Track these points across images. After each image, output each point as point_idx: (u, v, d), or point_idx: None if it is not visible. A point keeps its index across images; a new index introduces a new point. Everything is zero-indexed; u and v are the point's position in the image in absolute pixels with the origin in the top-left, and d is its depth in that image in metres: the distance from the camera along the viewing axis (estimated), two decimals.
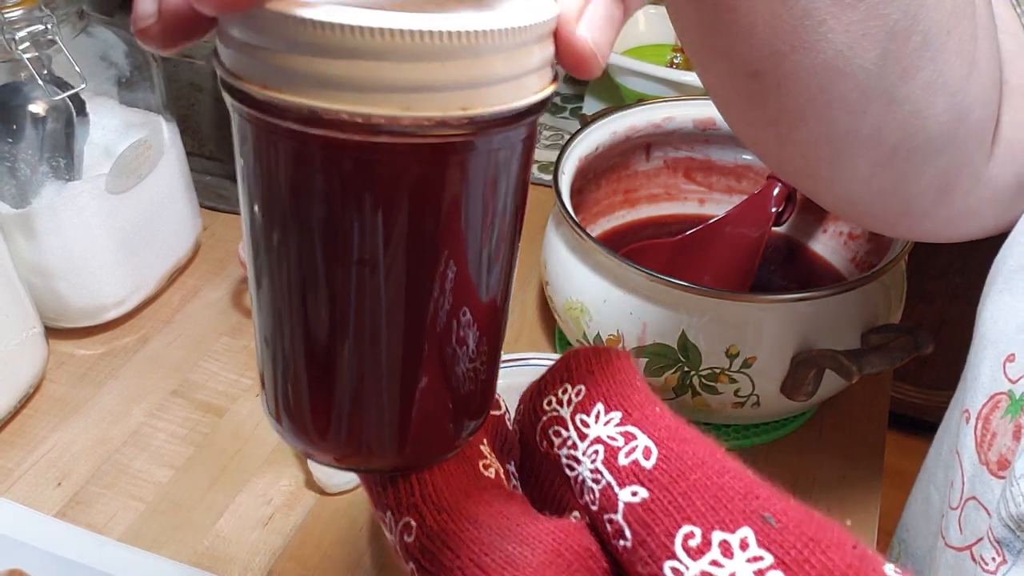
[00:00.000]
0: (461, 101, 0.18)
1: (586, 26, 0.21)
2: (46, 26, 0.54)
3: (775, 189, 0.58)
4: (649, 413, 0.24)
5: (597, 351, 0.26)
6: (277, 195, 0.19)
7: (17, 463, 0.55)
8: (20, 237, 0.58)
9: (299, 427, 0.23)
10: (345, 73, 0.17)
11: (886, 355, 0.47)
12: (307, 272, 0.20)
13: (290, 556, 0.50)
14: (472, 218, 0.20)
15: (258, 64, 0.18)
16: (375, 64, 0.17)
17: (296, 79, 0.17)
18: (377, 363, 0.21)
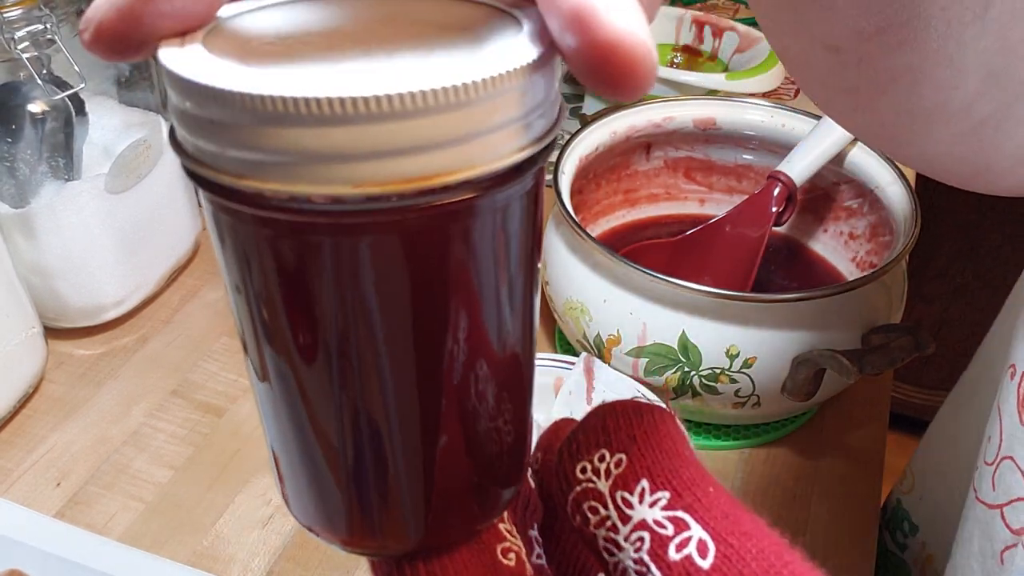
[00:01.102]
0: (456, 163, 0.15)
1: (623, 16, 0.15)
2: (45, 25, 0.54)
3: (775, 189, 0.58)
4: (702, 495, 0.20)
5: (639, 410, 0.22)
6: (267, 290, 0.17)
7: (16, 463, 0.55)
8: (19, 237, 0.58)
9: (304, 511, 0.21)
10: (317, 149, 0.14)
11: (886, 355, 0.47)
12: (306, 363, 0.18)
13: (289, 556, 0.50)
14: (484, 281, 0.18)
15: (222, 150, 0.15)
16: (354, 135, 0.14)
17: (272, 165, 0.15)
18: (389, 445, 0.19)
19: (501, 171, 0.16)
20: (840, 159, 0.59)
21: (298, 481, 0.21)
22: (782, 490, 0.54)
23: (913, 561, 0.52)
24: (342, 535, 0.21)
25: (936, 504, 0.49)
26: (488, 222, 0.17)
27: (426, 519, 0.20)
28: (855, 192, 0.60)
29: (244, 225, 0.16)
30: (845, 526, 0.52)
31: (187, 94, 0.15)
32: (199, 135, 0.16)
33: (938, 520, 0.49)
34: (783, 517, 0.52)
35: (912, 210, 0.54)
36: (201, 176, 0.16)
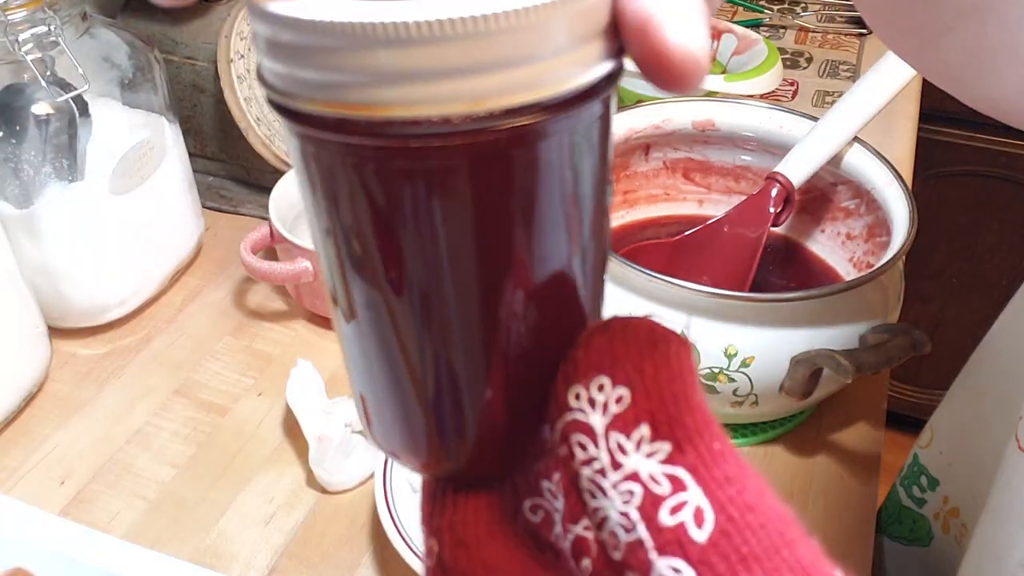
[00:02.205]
0: (526, 86, 0.16)
1: (680, 29, 0.16)
2: (49, 28, 0.55)
3: (773, 190, 0.58)
4: (706, 452, 0.18)
5: (653, 337, 0.19)
6: (356, 222, 0.18)
7: (21, 462, 0.56)
8: (23, 237, 0.58)
9: (387, 438, 0.22)
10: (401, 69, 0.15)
11: (884, 355, 0.48)
12: (395, 294, 0.18)
13: (292, 554, 0.51)
14: (562, 202, 0.18)
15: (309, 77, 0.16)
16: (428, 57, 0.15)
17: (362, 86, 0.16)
18: (466, 371, 0.20)
19: (574, 92, 0.16)
20: (837, 160, 0.60)
21: (383, 411, 0.21)
22: (780, 489, 0.54)
23: (934, 515, 0.51)
24: (422, 458, 0.22)
25: (958, 458, 0.48)
26: (565, 143, 0.17)
27: (496, 445, 0.21)
28: (852, 193, 0.61)
29: (332, 156, 0.17)
30: (842, 524, 0.52)
31: (278, 25, 0.16)
32: (291, 65, 0.16)
33: (961, 474, 0.49)
34: None
35: (909, 211, 0.54)
36: (292, 109, 0.17)
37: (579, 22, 0.16)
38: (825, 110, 0.60)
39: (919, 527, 0.53)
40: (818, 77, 0.97)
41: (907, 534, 0.54)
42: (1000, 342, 0.47)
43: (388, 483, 0.48)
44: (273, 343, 0.65)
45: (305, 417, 0.54)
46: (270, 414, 0.59)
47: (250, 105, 0.70)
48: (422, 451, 0.22)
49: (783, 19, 1.08)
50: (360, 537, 0.52)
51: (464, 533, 0.21)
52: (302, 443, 0.54)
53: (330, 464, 0.53)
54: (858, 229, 0.61)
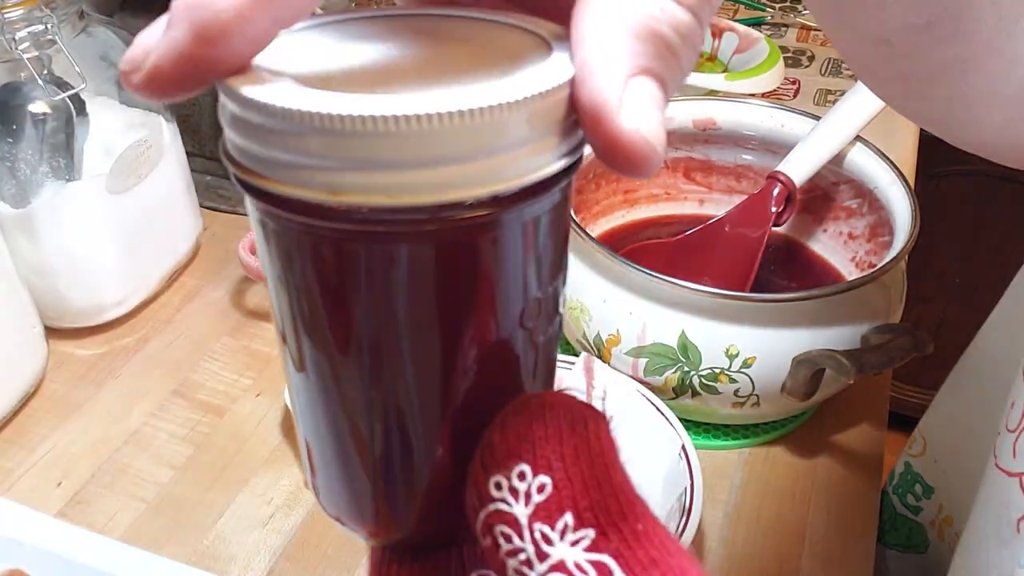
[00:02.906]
0: (485, 178, 0.16)
1: (632, 116, 0.17)
2: (46, 26, 0.54)
3: (775, 189, 0.58)
4: (630, 535, 0.18)
5: (572, 418, 0.19)
6: (307, 288, 0.18)
7: (17, 463, 0.56)
8: (20, 237, 0.58)
9: (333, 502, 0.23)
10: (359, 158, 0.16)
11: (885, 355, 0.47)
12: (342, 356, 0.19)
13: (290, 556, 0.50)
14: (511, 288, 0.19)
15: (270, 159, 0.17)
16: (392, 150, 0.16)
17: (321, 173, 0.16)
18: (413, 438, 0.20)
19: (527, 186, 0.17)
20: (839, 159, 0.59)
21: (329, 472, 0.21)
22: (782, 490, 0.54)
23: (930, 523, 0.51)
24: (369, 525, 0.22)
25: (951, 467, 0.48)
26: (516, 233, 0.18)
27: (442, 510, 0.21)
28: (854, 192, 0.61)
29: (289, 231, 0.18)
30: (844, 525, 0.52)
31: (246, 109, 0.17)
32: (251, 145, 0.17)
33: (954, 483, 0.49)
34: (782, 516, 0.53)
35: (911, 210, 0.54)
36: (251, 185, 0.17)
37: (537, 118, 0.16)
38: (827, 109, 0.60)
39: (915, 535, 0.53)
40: (820, 75, 0.96)
41: (903, 541, 0.53)
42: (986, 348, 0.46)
43: None
44: (272, 343, 0.65)
45: None
46: (268, 415, 0.59)
47: None
48: (367, 516, 0.22)
49: (785, 17, 1.08)
50: (358, 539, 0.51)
51: None
52: None
53: None
54: (860, 229, 0.61)
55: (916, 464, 0.52)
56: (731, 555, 0.51)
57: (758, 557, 0.50)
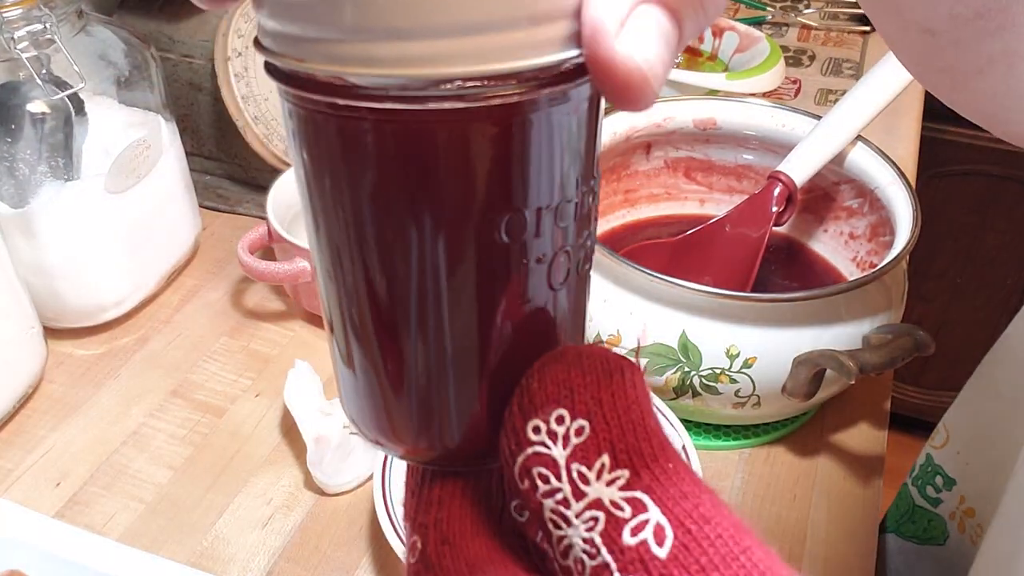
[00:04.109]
0: (508, 55, 0.15)
1: (630, 40, 0.16)
2: (45, 25, 0.54)
3: (776, 189, 0.58)
4: (661, 473, 0.19)
5: (608, 367, 0.20)
6: (342, 180, 0.18)
7: (16, 463, 0.55)
8: (19, 237, 0.58)
9: (372, 426, 0.22)
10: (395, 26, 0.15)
11: (887, 355, 0.47)
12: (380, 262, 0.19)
13: (289, 557, 0.50)
14: (544, 174, 0.18)
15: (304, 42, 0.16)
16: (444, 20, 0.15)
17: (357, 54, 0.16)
18: (447, 346, 0.20)
19: (556, 67, 0.16)
20: (840, 159, 0.59)
21: (366, 395, 0.21)
22: (782, 490, 0.54)
23: (949, 515, 0.51)
24: (406, 444, 0.22)
25: (975, 458, 0.48)
26: (543, 121, 0.17)
27: (474, 424, 0.21)
28: (855, 192, 0.60)
29: (327, 120, 0.17)
30: (845, 526, 0.52)
31: None
32: (282, 26, 0.16)
33: (978, 475, 0.49)
34: (783, 517, 0.52)
35: (912, 210, 0.54)
36: (284, 69, 0.17)
37: None
38: (828, 108, 0.60)
39: (934, 526, 0.53)
40: (821, 75, 0.96)
41: (920, 533, 0.53)
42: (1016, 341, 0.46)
43: (387, 485, 0.48)
44: (271, 344, 0.64)
45: (303, 418, 0.53)
46: (268, 415, 0.59)
47: (247, 103, 0.69)
48: (405, 434, 0.22)
49: (786, 17, 1.08)
50: (358, 539, 0.51)
51: (449, 530, 0.21)
52: (300, 444, 0.54)
53: (328, 466, 0.53)
54: (861, 228, 0.61)
55: (937, 456, 0.52)
56: None
57: None
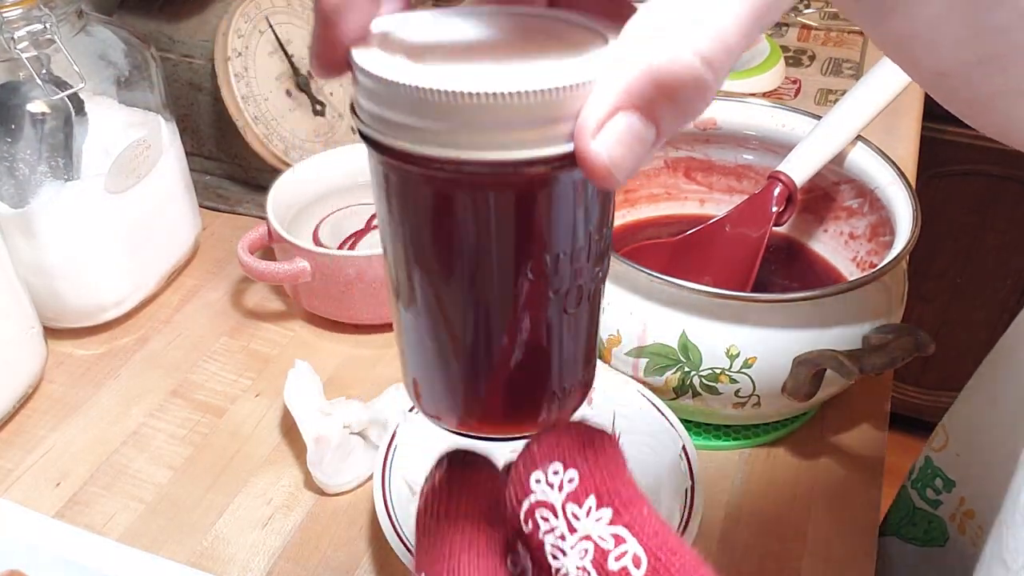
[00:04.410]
0: (545, 145, 0.21)
1: (603, 140, 0.20)
2: (45, 25, 0.54)
3: (776, 189, 0.58)
4: (638, 514, 0.24)
5: (590, 433, 0.25)
6: (427, 228, 0.24)
7: (16, 463, 0.55)
8: (19, 237, 0.58)
9: (432, 405, 0.28)
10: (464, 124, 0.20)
11: (887, 355, 0.47)
12: (454, 286, 0.24)
13: (289, 557, 0.50)
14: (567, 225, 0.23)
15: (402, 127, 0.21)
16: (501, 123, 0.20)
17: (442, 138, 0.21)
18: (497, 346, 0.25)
19: (566, 154, 0.21)
20: (840, 159, 0.59)
21: (430, 381, 0.27)
22: (782, 490, 0.54)
23: (950, 517, 0.52)
24: (459, 418, 0.27)
25: (975, 460, 0.49)
26: (567, 187, 0.22)
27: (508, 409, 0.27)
28: (855, 192, 0.60)
29: (426, 191, 0.23)
30: (846, 526, 0.52)
31: (375, 84, 0.21)
32: (379, 110, 0.22)
33: (977, 477, 0.49)
34: (783, 517, 0.52)
35: (912, 210, 0.54)
36: (381, 143, 0.22)
37: (572, 104, 0.20)
38: (828, 108, 0.60)
39: (934, 528, 0.53)
40: (821, 75, 0.96)
41: (921, 535, 0.54)
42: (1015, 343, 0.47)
43: (387, 485, 0.48)
44: (271, 344, 0.64)
45: (303, 418, 0.53)
46: (268, 415, 0.59)
47: (247, 103, 0.69)
48: (457, 411, 0.27)
49: (786, 17, 1.08)
50: (358, 539, 0.51)
51: None
52: (300, 445, 0.54)
53: (328, 466, 0.53)
54: (861, 228, 0.61)
55: (937, 458, 0.52)
56: (732, 555, 0.50)
57: (759, 557, 0.50)
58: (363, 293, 0.62)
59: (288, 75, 0.73)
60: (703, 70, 0.19)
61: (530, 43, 0.23)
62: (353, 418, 0.54)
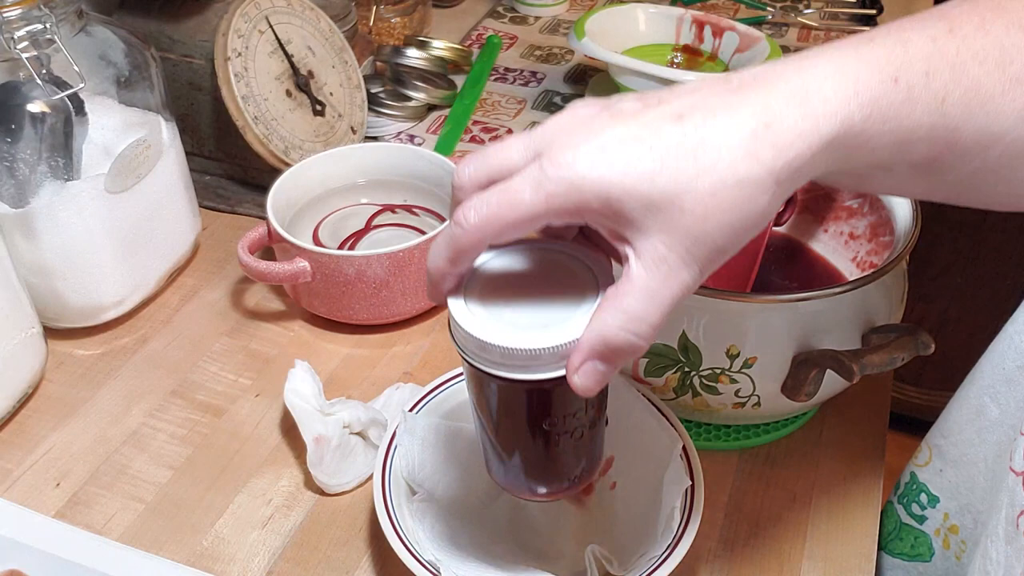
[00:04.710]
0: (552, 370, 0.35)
1: (580, 375, 0.34)
2: (45, 25, 0.54)
3: None
4: None
5: None
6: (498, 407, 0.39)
7: (16, 463, 0.55)
8: (19, 237, 0.58)
9: (501, 479, 0.43)
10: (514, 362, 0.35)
11: (887, 355, 0.47)
12: (502, 429, 0.41)
13: (289, 557, 0.50)
14: (571, 404, 0.38)
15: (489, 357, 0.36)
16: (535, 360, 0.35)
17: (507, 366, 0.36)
18: (524, 457, 0.41)
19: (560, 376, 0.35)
20: None
21: (495, 469, 0.43)
22: (782, 490, 0.54)
23: (934, 532, 0.52)
24: (514, 491, 0.44)
25: (957, 476, 0.49)
26: (565, 390, 0.35)
27: (538, 486, 0.43)
28: (855, 192, 0.60)
29: (486, 381, 0.37)
30: (845, 526, 0.52)
31: (462, 332, 0.36)
32: (469, 344, 0.36)
33: (961, 492, 0.49)
34: (783, 517, 0.52)
35: (912, 210, 0.53)
36: (467, 360, 0.37)
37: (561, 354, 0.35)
38: None
39: (920, 543, 0.53)
40: None
41: (908, 551, 0.54)
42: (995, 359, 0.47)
43: (387, 485, 0.48)
44: (271, 344, 0.64)
45: (303, 418, 0.53)
46: (267, 415, 0.59)
47: (247, 103, 0.69)
48: (510, 485, 0.43)
49: (786, 17, 1.08)
50: (358, 539, 0.51)
51: None
52: (300, 444, 0.54)
53: (328, 466, 0.53)
54: (861, 228, 0.61)
55: (921, 474, 0.53)
56: (732, 555, 0.50)
57: (759, 557, 0.50)
58: (363, 293, 0.62)
59: (288, 75, 0.73)
60: (635, 340, 0.33)
61: (553, 284, 0.37)
62: (353, 418, 0.54)
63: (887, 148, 0.33)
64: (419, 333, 0.66)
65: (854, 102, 0.31)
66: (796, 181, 0.32)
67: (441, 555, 0.45)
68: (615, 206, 0.31)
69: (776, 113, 0.31)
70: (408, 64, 0.90)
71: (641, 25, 0.90)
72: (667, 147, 0.30)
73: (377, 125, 0.86)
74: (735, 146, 0.30)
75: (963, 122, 0.33)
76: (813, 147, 0.31)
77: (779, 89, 0.31)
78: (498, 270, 0.37)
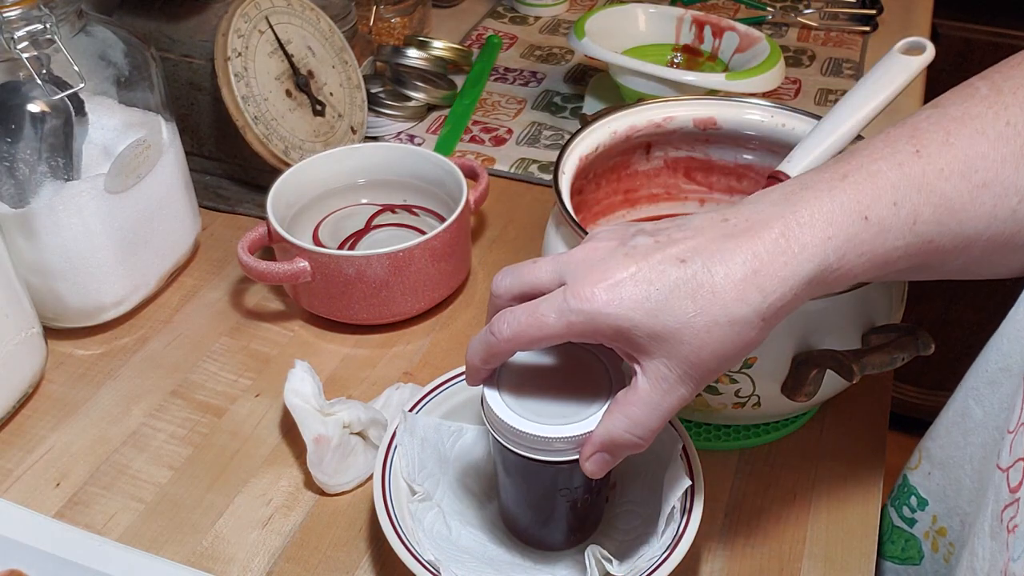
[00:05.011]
0: (565, 454, 0.42)
1: (590, 462, 0.40)
2: (45, 25, 0.54)
3: None
4: None
5: None
6: (519, 475, 0.45)
7: (16, 463, 0.55)
8: (19, 237, 0.58)
9: (514, 531, 0.49)
10: (539, 446, 0.42)
11: (887, 355, 0.47)
12: (521, 492, 0.47)
13: (289, 557, 0.50)
14: (579, 478, 0.44)
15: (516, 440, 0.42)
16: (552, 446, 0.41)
17: (524, 447, 0.42)
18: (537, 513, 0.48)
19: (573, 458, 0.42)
20: None
21: (513, 519, 0.49)
22: (782, 490, 0.54)
23: (923, 535, 0.53)
24: (521, 536, 0.49)
25: (945, 479, 0.50)
26: (576, 468, 0.42)
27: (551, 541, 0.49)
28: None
29: (508, 455, 0.43)
30: (845, 526, 0.52)
31: (495, 419, 0.42)
32: (499, 427, 0.42)
33: (949, 495, 0.50)
34: (783, 517, 0.52)
35: None
36: (497, 439, 0.43)
37: None
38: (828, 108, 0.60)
39: (911, 547, 0.54)
40: (821, 75, 0.96)
41: (899, 554, 0.55)
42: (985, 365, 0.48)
43: (387, 485, 0.48)
44: (271, 344, 0.64)
45: (303, 418, 0.53)
46: (267, 415, 0.59)
47: (247, 103, 0.69)
48: (520, 533, 0.49)
49: (786, 17, 1.08)
50: (358, 540, 0.51)
51: None
52: (300, 445, 0.54)
53: (328, 466, 0.53)
54: None
55: (912, 477, 0.53)
56: (732, 555, 0.50)
57: (758, 557, 0.50)
58: (363, 293, 0.62)
59: (288, 75, 0.73)
60: (637, 440, 0.39)
61: (572, 379, 0.43)
62: (353, 418, 0.54)
63: (868, 271, 0.38)
64: (419, 333, 0.66)
65: (829, 245, 0.37)
66: (780, 316, 0.37)
67: (441, 555, 0.45)
68: (625, 335, 0.37)
69: (763, 261, 0.36)
70: (408, 64, 0.90)
71: (641, 25, 0.90)
72: (671, 288, 0.36)
73: (377, 125, 0.86)
74: (728, 290, 0.36)
75: (937, 234, 0.38)
76: (794, 288, 0.36)
77: (764, 238, 0.37)
78: (527, 363, 0.44)
